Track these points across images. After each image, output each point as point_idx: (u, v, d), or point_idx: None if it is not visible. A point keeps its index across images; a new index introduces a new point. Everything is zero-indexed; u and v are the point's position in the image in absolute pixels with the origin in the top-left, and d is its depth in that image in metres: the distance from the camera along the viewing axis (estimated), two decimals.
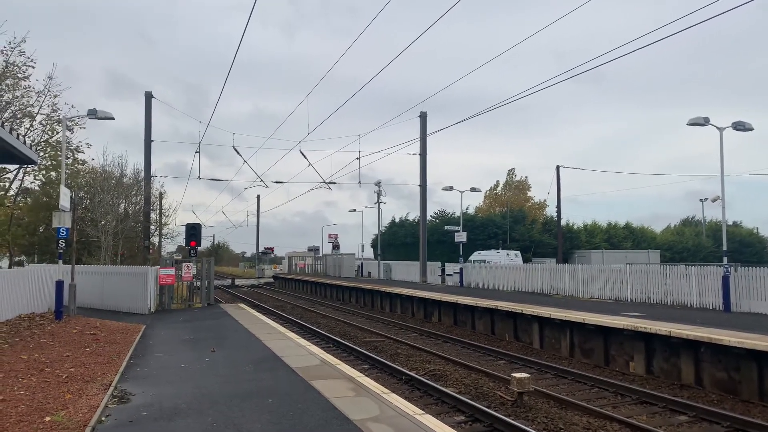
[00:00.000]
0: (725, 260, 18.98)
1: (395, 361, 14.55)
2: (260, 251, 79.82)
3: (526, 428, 8.57)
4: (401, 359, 14.90)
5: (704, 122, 18.92)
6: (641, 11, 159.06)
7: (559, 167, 41.97)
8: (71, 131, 27.45)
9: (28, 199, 33.86)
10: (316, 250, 68.18)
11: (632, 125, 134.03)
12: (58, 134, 26.98)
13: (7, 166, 25.69)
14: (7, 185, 28.30)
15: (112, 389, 8.44)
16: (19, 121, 25.33)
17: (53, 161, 28.11)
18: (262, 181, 37.39)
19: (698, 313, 17.12)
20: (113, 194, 31.85)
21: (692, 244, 67.38)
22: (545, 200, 63.97)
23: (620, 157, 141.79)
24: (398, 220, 65.22)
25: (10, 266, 30.91)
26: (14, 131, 13.19)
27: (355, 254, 58.06)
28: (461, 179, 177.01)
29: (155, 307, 21.85)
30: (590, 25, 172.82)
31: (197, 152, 33.47)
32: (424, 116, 37.45)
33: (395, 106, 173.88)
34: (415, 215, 58.92)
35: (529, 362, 14.53)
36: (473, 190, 36.27)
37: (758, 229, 75.63)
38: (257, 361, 10.78)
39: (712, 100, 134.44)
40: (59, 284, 17.75)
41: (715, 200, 35.49)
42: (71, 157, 29.28)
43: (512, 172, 70.76)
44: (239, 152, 32.85)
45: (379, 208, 47.61)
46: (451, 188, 35.67)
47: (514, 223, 57.49)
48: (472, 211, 64.18)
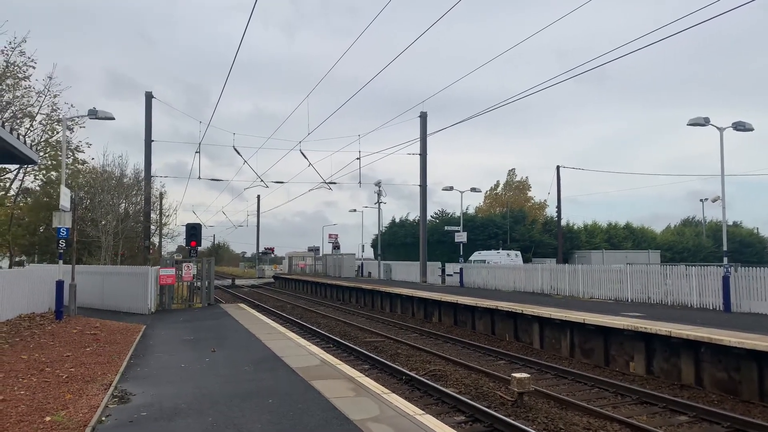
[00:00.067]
0: (725, 260, 18.98)
1: (395, 361, 14.55)
2: (260, 251, 79.83)
3: (526, 428, 8.57)
4: (401, 359, 14.90)
5: (704, 122, 18.91)
6: (642, 11, 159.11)
7: (559, 167, 42.00)
8: (71, 131, 27.50)
9: (28, 199, 33.89)
10: (316, 250, 68.20)
11: (633, 125, 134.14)
12: (58, 134, 27.01)
13: (7, 166, 25.70)
14: (7, 185, 28.32)
15: (112, 389, 8.44)
16: (19, 121, 25.36)
17: (53, 161, 28.14)
18: (262, 181, 37.45)
19: (698, 313, 17.11)
20: (113, 194, 31.84)
21: (692, 244, 67.38)
22: (545, 200, 64.06)
23: (620, 157, 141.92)
24: (398, 220, 65.26)
25: (10, 266, 30.91)
26: (14, 131, 13.19)
27: (355, 254, 58.10)
28: (461, 179, 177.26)
29: (155, 307, 21.85)
30: (591, 24, 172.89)
31: (197, 152, 33.56)
32: (424, 116, 37.46)
33: (395, 106, 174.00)
34: (415, 215, 58.99)
35: (529, 362, 14.53)
36: (473, 190, 36.28)
37: (758, 229, 75.80)
38: (257, 361, 10.78)
39: (712, 100, 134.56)
40: (59, 284, 17.76)
41: (715, 200, 35.49)
42: (71, 156, 29.30)
43: (512, 172, 70.94)
44: (239, 152, 32.90)
45: (379, 208, 47.66)
46: (451, 188, 35.68)
47: (514, 223, 57.50)
48: (472, 211, 64.26)
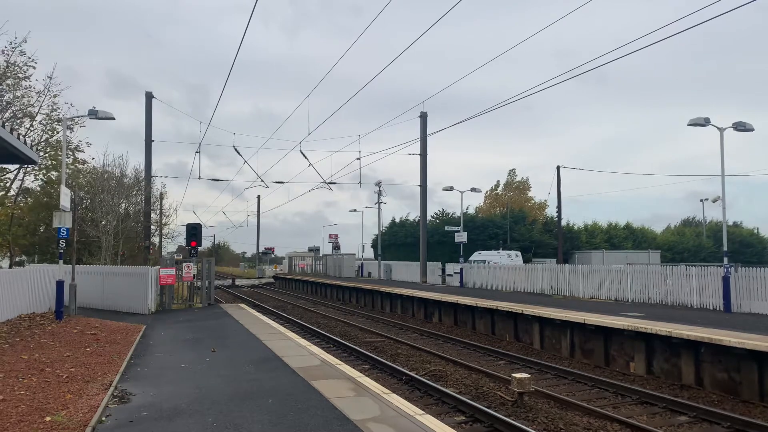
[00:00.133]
0: (726, 260, 18.95)
1: (396, 361, 14.55)
2: (261, 251, 79.84)
3: (526, 428, 8.57)
4: (401, 359, 14.89)
5: (705, 123, 18.89)
6: (643, 10, 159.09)
7: (559, 167, 41.96)
8: (71, 131, 27.49)
9: (28, 199, 33.87)
10: (316, 250, 68.20)
11: (633, 125, 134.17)
12: (58, 134, 26.99)
13: (7, 166, 25.69)
14: (7, 185, 28.30)
15: (112, 389, 8.45)
16: (19, 120, 25.34)
17: (53, 161, 28.12)
18: (262, 181, 37.48)
19: (699, 313, 17.10)
20: (114, 194, 31.82)
21: (693, 244, 67.38)
22: (546, 200, 64.10)
23: (621, 157, 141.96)
24: (398, 220, 65.25)
25: (10, 266, 30.90)
26: (15, 131, 13.19)
27: (355, 254, 58.09)
28: (462, 179, 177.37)
29: (156, 307, 21.85)
30: (593, 24, 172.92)
31: (198, 152, 33.66)
32: (424, 116, 37.46)
33: (396, 106, 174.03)
34: (415, 215, 59.00)
35: (529, 362, 14.52)
36: (474, 190, 36.22)
37: (759, 229, 75.76)
38: (258, 361, 10.78)
39: (713, 100, 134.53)
40: (60, 284, 17.75)
41: (715, 201, 35.49)
42: (71, 156, 29.28)
43: (513, 172, 71.13)
44: (240, 152, 33.05)
45: (379, 208, 47.64)
46: (451, 188, 35.64)
47: (514, 223, 57.49)
48: (472, 211, 64.28)
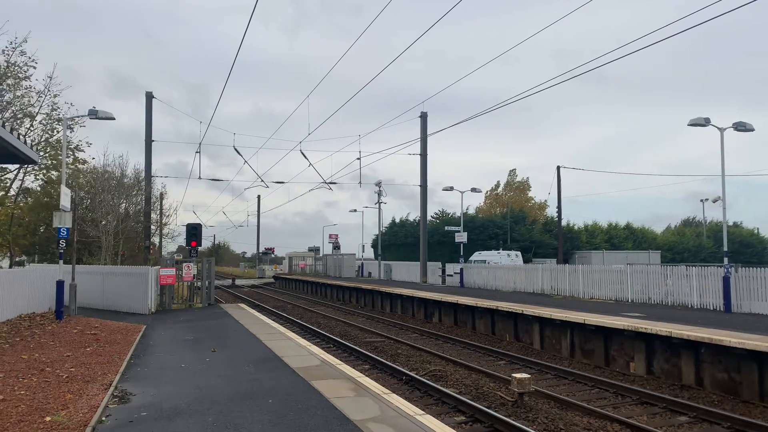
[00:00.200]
0: (726, 261, 18.95)
1: (396, 361, 14.55)
2: (261, 251, 79.83)
3: (526, 429, 8.57)
4: (402, 359, 14.89)
5: (705, 123, 18.88)
6: (643, 10, 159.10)
7: (559, 168, 41.94)
8: (72, 131, 27.46)
9: (28, 198, 33.87)
10: (316, 250, 68.15)
11: (634, 125, 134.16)
12: (58, 134, 26.98)
13: (7, 165, 25.69)
14: (7, 185, 28.30)
15: (112, 389, 8.45)
16: (19, 120, 25.34)
17: (53, 161, 28.11)
18: (262, 181, 37.45)
19: (699, 313, 17.10)
20: (114, 194, 31.84)
21: (693, 244, 67.38)
22: (546, 201, 64.07)
23: (621, 157, 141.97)
24: (399, 220, 65.24)
25: (10, 266, 30.90)
26: (15, 131, 13.19)
27: (355, 254, 58.09)
28: (462, 179, 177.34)
29: (156, 307, 21.85)
30: (593, 24, 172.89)
31: (198, 152, 33.67)
32: (424, 116, 37.46)
33: (396, 106, 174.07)
34: (415, 215, 58.99)
35: (529, 363, 14.52)
36: (474, 190, 36.20)
37: (759, 229, 75.76)
38: (258, 361, 10.78)
39: (713, 100, 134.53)
40: (60, 284, 17.75)
41: (715, 201, 35.47)
42: (72, 156, 29.27)
43: (513, 172, 71.22)
44: (240, 152, 33.06)
45: (379, 208, 47.63)
46: (451, 188, 35.62)
47: (514, 223, 57.48)
48: (472, 211, 64.30)
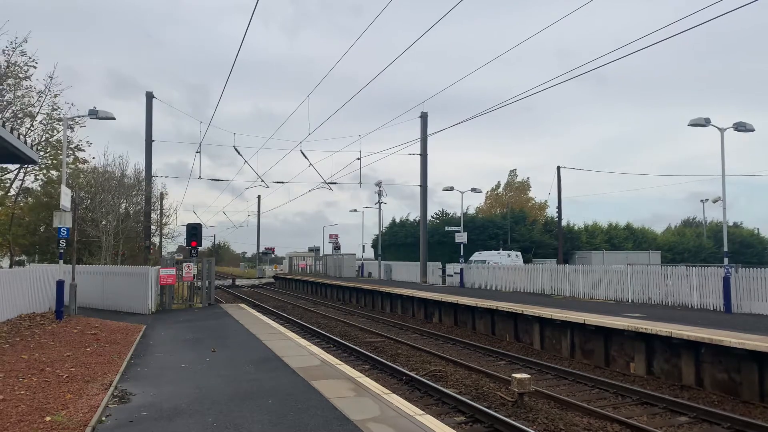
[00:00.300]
0: (726, 261, 18.95)
1: (396, 361, 14.55)
2: (261, 251, 79.81)
3: (526, 429, 8.57)
4: (402, 360, 14.89)
5: (705, 123, 18.87)
6: (644, 11, 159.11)
7: (559, 168, 41.93)
8: (72, 130, 27.46)
9: (28, 198, 33.86)
10: (316, 250, 68.12)
11: (634, 126, 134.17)
12: (58, 134, 26.98)
13: (8, 165, 25.69)
14: (7, 185, 28.30)
15: (112, 389, 8.44)
16: (20, 120, 25.33)
17: (54, 161, 28.11)
18: (262, 181, 37.45)
19: (699, 313, 17.10)
20: (114, 194, 31.85)
21: (693, 244, 67.37)
22: (546, 201, 64.01)
23: (621, 157, 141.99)
24: (399, 220, 65.22)
25: (10, 266, 30.90)
26: (15, 131, 13.19)
27: (355, 254, 58.10)
28: (462, 179, 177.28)
29: (156, 307, 21.85)
30: (594, 24, 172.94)
31: (198, 152, 33.71)
32: (425, 117, 37.46)
33: (396, 106, 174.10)
34: (415, 216, 58.98)
35: (529, 363, 14.52)
36: (474, 190, 36.18)
37: (759, 229, 75.77)
38: (258, 361, 10.78)
39: (714, 100, 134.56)
40: (60, 284, 17.75)
41: (716, 201, 35.47)
42: (72, 155, 29.28)
43: (514, 172, 71.23)
44: (240, 152, 33.09)
45: (379, 208, 47.61)
46: (451, 189, 35.60)
47: (514, 223, 57.47)
48: (472, 211, 64.28)
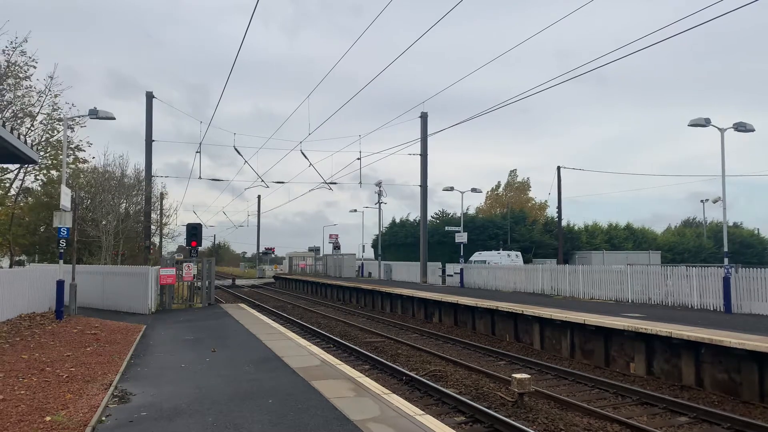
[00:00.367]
0: (726, 261, 18.95)
1: (396, 361, 14.55)
2: (261, 251, 79.80)
3: (526, 429, 8.57)
4: (402, 360, 14.89)
5: (705, 123, 18.88)
6: (643, 11, 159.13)
7: (559, 168, 41.91)
8: (72, 131, 27.45)
9: (29, 198, 33.85)
10: (316, 250, 68.13)
11: (634, 126, 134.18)
12: (59, 134, 26.97)
13: (8, 165, 25.68)
14: (8, 185, 28.29)
15: (112, 389, 8.44)
16: (20, 120, 25.32)
17: (54, 161, 28.11)
18: (263, 181, 37.45)
19: (699, 314, 17.09)
20: (114, 194, 31.85)
21: (693, 245, 67.36)
22: (546, 201, 64.01)
23: (622, 157, 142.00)
24: (399, 220, 65.21)
25: (10, 266, 30.90)
26: (15, 131, 13.18)
27: (355, 254, 58.10)
28: (462, 180, 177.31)
29: (156, 307, 21.84)
30: (594, 25, 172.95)
31: (198, 152, 33.73)
32: (425, 117, 37.46)
33: (396, 106, 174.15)
34: (415, 216, 58.98)
35: (529, 363, 14.52)
36: (474, 190, 36.17)
37: (759, 230, 75.79)
38: (258, 361, 10.78)
39: (714, 100, 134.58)
40: (60, 284, 17.75)
41: (716, 201, 35.48)
42: (72, 155, 29.27)
43: (514, 173, 71.17)
44: (240, 152, 33.10)
45: (379, 208, 47.61)
46: (451, 189, 35.60)
47: (514, 223, 57.46)
48: (473, 211, 64.27)
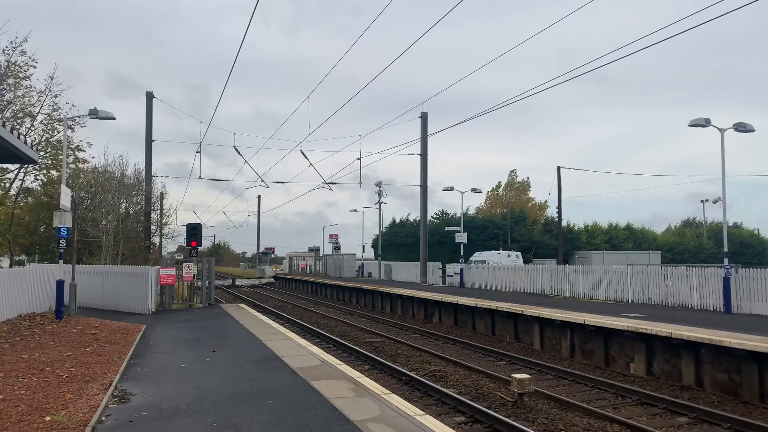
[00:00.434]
0: (726, 261, 18.95)
1: (395, 361, 14.55)
2: (261, 251, 79.80)
3: (526, 429, 8.57)
4: (401, 360, 14.89)
5: (705, 123, 18.88)
6: (644, 11, 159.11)
7: (559, 168, 41.91)
8: (72, 131, 27.46)
9: (29, 198, 33.86)
10: (316, 250, 68.11)
11: (634, 126, 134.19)
12: (59, 134, 26.98)
13: (8, 165, 25.68)
14: (7, 185, 28.29)
15: (112, 389, 8.44)
16: (20, 120, 25.32)
17: (54, 161, 28.11)
18: (263, 181, 37.44)
19: (699, 314, 17.09)
20: (114, 194, 31.86)
21: (693, 245, 67.36)
22: (546, 201, 63.98)
23: (621, 157, 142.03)
24: (399, 220, 65.22)
25: (10, 266, 30.89)
26: (15, 131, 13.18)
27: (355, 254, 58.10)
28: (462, 180, 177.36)
29: (156, 307, 21.84)
30: (594, 24, 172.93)
31: (198, 152, 33.72)
32: (425, 117, 37.46)
33: (396, 106, 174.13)
34: (415, 216, 59.00)
35: (529, 363, 14.52)
36: (474, 190, 36.15)
37: (759, 230, 75.84)
38: (258, 361, 10.78)
39: (714, 100, 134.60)
40: (60, 284, 17.75)
41: (716, 201, 35.48)
42: (72, 155, 29.28)
43: (514, 173, 71.02)
44: (240, 152, 33.10)
45: (379, 208, 47.60)
46: (452, 189, 35.58)
47: (514, 223, 57.46)
48: (473, 211, 64.25)
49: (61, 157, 23.43)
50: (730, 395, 11.18)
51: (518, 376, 10.31)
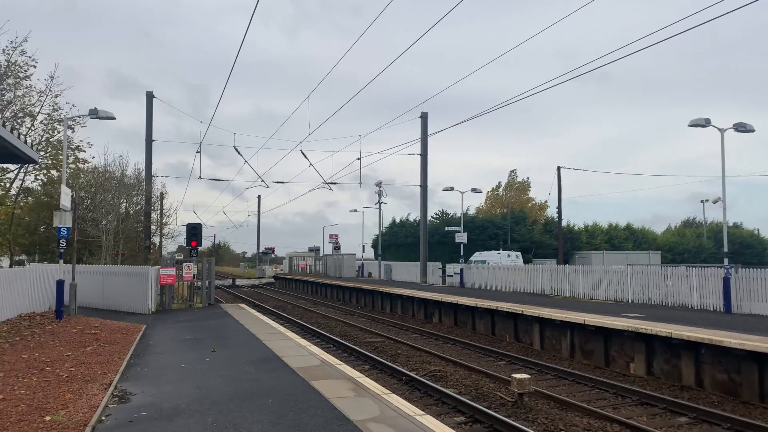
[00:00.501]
0: (726, 261, 18.94)
1: (395, 361, 14.55)
2: (261, 251, 79.79)
3: (526, 429, 8.57)
4: (401, 360, 14.89)
5: (705, 123, 18.88)
6: (644, 11, 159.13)
7: (559, 168, 41.90)
8: (72, 131, 27.44)
9: (29, 198, 33.85)
10: (316, 250, 68.09)
11: (634, 126, 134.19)
12: (59, 134, 26.97)
13: (8, 165, 25.67)
14: (8, 185, 28.28)
15: (112, 389, 8.44)
16: (20, 120, 25.31)
17: (54, 160, 28.10)
18: (263, 181, 37.43)
19: (699, 314, 17.09)
20: (114, 194, 31.86)
21: (693, 245, 67.36)
22: (546, 201, 63.96)
23: (621, 157, 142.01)
24: (399, 220, 65.21)
25: (10, 266, 30.89)
26: (15, 130, 13.18)
27: (355, 254, 58.10)
28: (462, 180, 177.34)
29: (156, 307, 21.84)
30: (594, 24, 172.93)
31: (198, 152, 33.75)
32: (425, 117, 37.46)
33: (396, 106, 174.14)
34: (415, 216, 59.00)
35: (529, 363, 14.52)
36: (474, 190, 36.13)
37: (759, 230, 75.82)
38: (258, 361, 10.78)
39: (714, 100, 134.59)
40: (60, 284, 17.75)
41: (716, 201, 35.49)
42: (72, 155, 29.28)
43: (514, 173, 70.99)
44: (240, 152, 33.12)
45: (379, 208, 47.59)
46: (452, 189, 35.57)
47: (514, 223, 57.45)
48: (473, 211, 64.24)
49: (61, 157, 23.43)
50: (730, 395, 11.18)
51: (518, 376, 10.31)
